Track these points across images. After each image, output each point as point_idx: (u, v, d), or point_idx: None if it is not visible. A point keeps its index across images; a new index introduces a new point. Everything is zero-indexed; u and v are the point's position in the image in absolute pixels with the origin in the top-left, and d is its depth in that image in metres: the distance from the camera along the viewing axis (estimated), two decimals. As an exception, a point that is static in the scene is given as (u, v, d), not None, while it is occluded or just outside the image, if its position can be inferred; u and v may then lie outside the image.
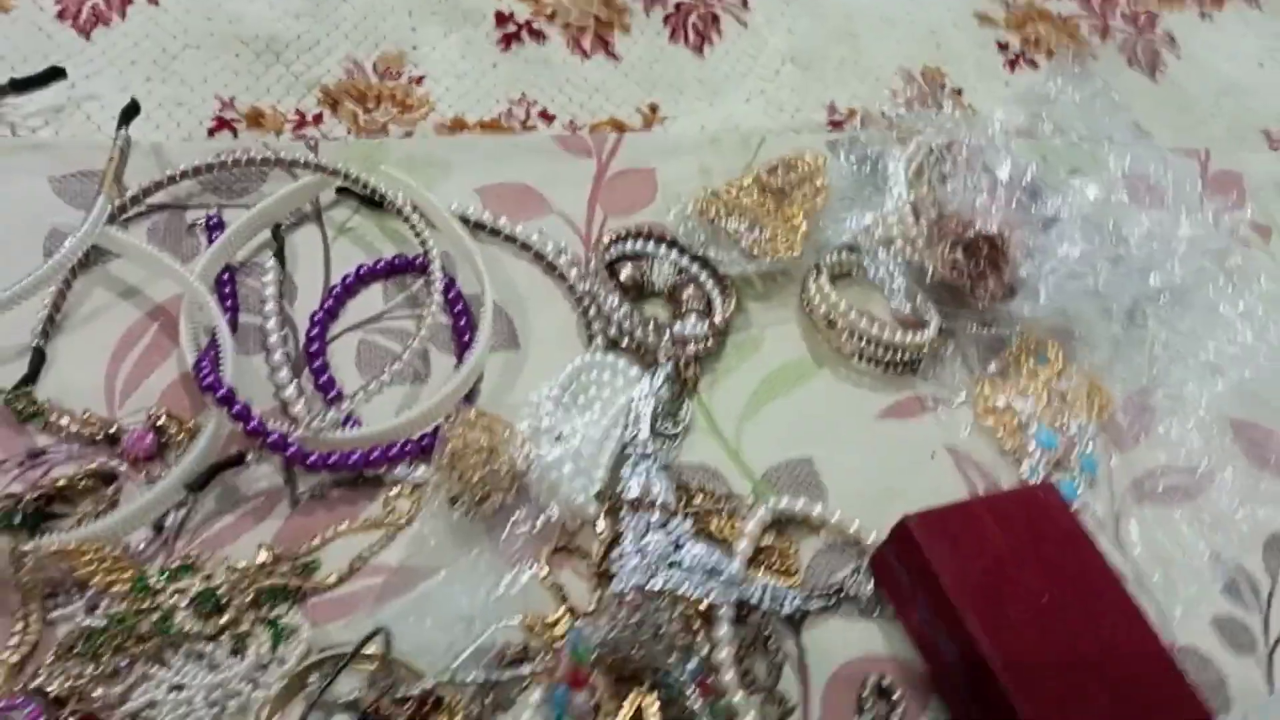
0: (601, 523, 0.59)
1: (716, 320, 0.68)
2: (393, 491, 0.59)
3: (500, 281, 0.68)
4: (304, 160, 0.68)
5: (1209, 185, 0.89)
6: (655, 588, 0.56)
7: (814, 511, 0.62)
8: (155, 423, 0.57)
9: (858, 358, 0.70)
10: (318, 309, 0.65)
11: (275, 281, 0.65)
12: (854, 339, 0.69)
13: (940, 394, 0.70)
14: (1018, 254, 0.71)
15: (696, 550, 0.58)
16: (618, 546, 0.58)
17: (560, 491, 0.58)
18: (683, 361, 0.66)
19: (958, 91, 0.89)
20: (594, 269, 0.69)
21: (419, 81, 0.79)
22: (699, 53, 0.88)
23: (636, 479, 0.60)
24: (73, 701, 0.49)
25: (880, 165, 0.76)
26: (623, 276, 0.70)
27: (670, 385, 0.65)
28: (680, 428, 0.65)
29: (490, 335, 0.64)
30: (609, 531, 0.58)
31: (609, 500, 0.59)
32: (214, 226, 0.67)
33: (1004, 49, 0.98)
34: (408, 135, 0.76)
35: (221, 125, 0.73)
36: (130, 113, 0.67)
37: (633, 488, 0.59)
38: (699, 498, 0.62)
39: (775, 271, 0.73)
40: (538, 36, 0.85)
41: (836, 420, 0.68)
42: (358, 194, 0.70)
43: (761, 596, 0.57)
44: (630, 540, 0.58)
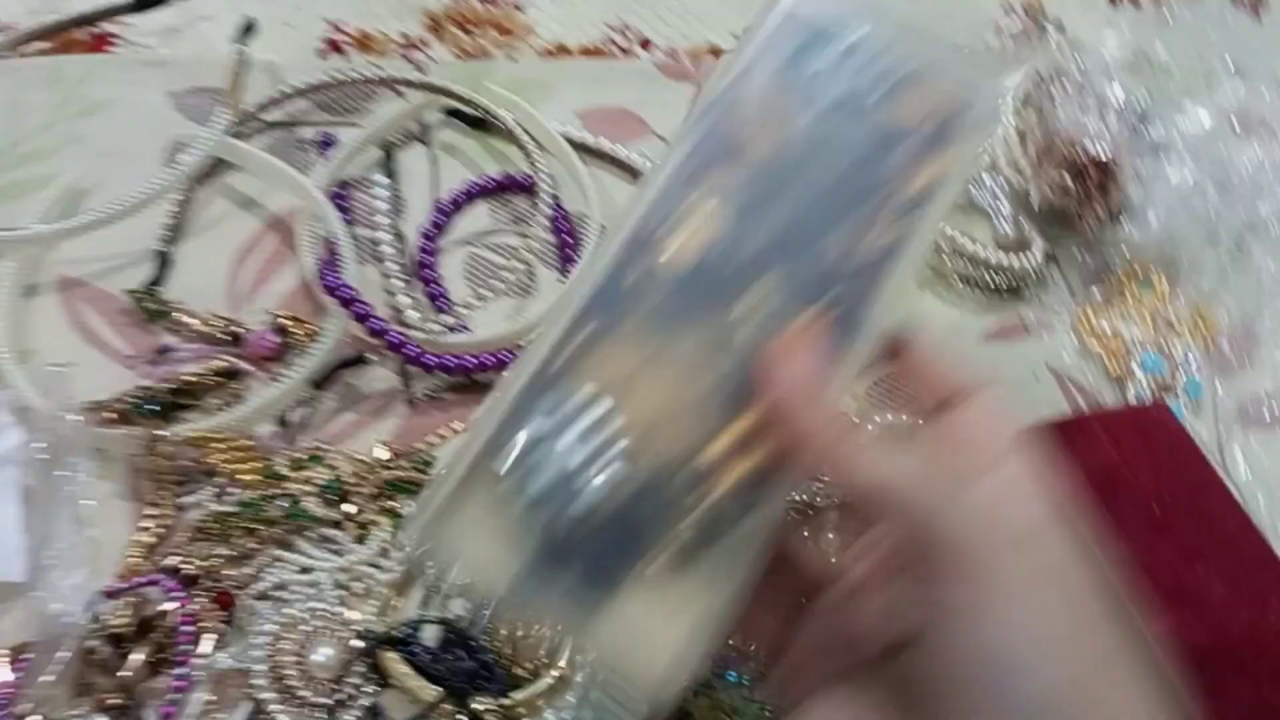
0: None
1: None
2: (503, 395, 0.60)
3: (601, 200, 0.69)
4: (414, 80, 0.69)
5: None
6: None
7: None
8: (277, 324, 0.59)
9: (961, 281, 0.70)
10: (427, 223, 0.66)
11: (388, 196, 0.66)
12: (959, 261, 0.69)
13: (1044, 318, 0.70)
14: (1126, 178, 0.70)
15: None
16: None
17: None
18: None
19: (1058, 24, 0.88)
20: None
21: (519, 8, 0.80)
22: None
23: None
24: (205, 580, 0.50)
25: (984, 91, 0.75)
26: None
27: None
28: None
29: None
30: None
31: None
32: (326, 143, 0.68)
33: (1104, -16, 0.96)
34: (511, 59, 0.77)
35: (331, 47, 0.74)
36: (248, 30, 0.68)
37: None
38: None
39: (876, 195, 0.73)
40: (637, -36, 0.85)
41: (942, 341, 0.68)
42: (464, 115, 0.71)
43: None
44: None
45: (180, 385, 0.56)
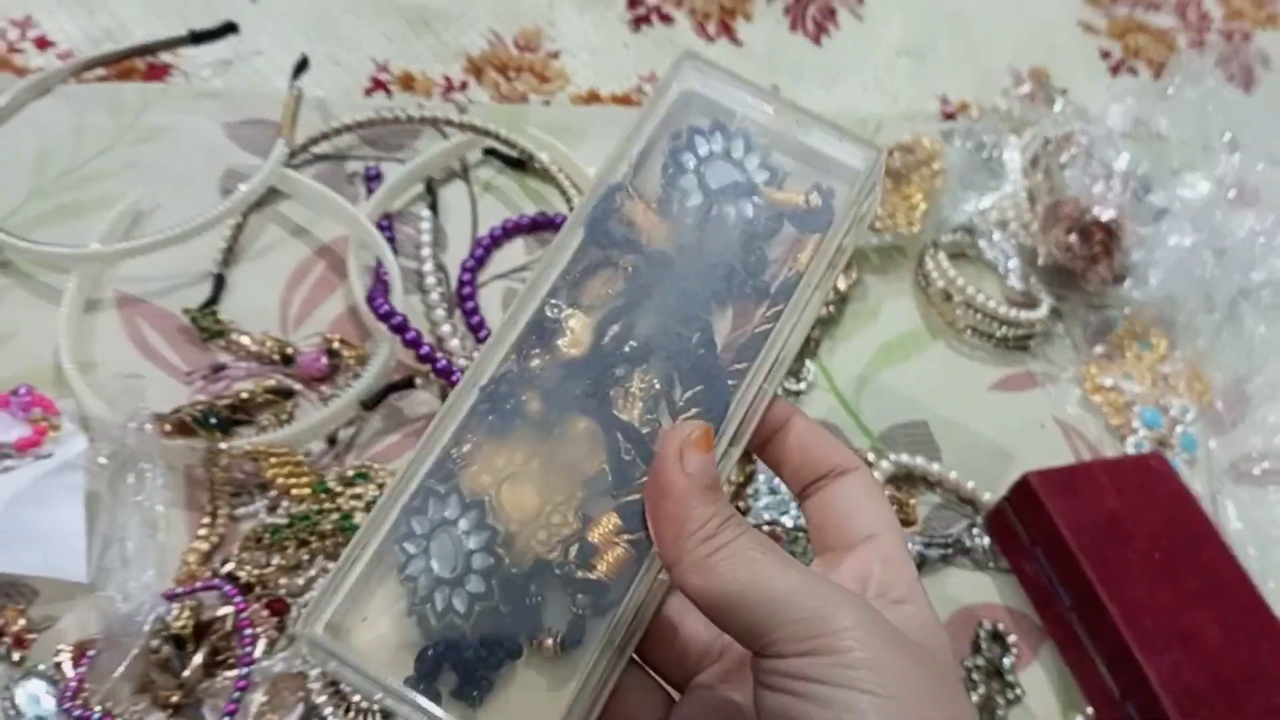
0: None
1: (840, 287, 0.72)
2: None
3: (634, 242, 0.72)
4: (458, 121, 0.72)
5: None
6: (788, 524, 0.60)
7: (933, 469, 0.65)
8: (329, 346, 0.61)
9: (970, 332, 0.73)
10: (468, 257, 0.69)
11: (431, 230, 0.69)
12: (969, 313, 0.73)
13: (1049, 370, 0.73)
14: (1129, 241, 0.74)
15: (824, 494, 0.62)
16: (751, 484, 0.61)
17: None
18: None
19: (1063, 91, 0.93)
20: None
21: (555, 56, 0.84)
22: (817, 43, 0.92)
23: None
24: (258, 588, 0.53)
25: (995, 153, 0.79)
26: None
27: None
28: (803, 384, 0.68)
29: (629, 288, 0.68)
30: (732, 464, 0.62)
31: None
32: (372, 177, 0.71)
33: (1106, 56, 1.01)
34: (546, 104, 0.80)
35: (377, 86, 0.78)
36: (302, 66, 0.71)
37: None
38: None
39: (891, 247, 0.77)
40: (666, 20, 0.89)
41: (951, 389, 0.71)
42: (502, 155, 0.74)
43: (886, 539, 0.61)
44: (764, 479, 0.61)
45: (236, 402, 0.58)
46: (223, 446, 0.54)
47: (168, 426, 0.56)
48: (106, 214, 0.64)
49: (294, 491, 0.55)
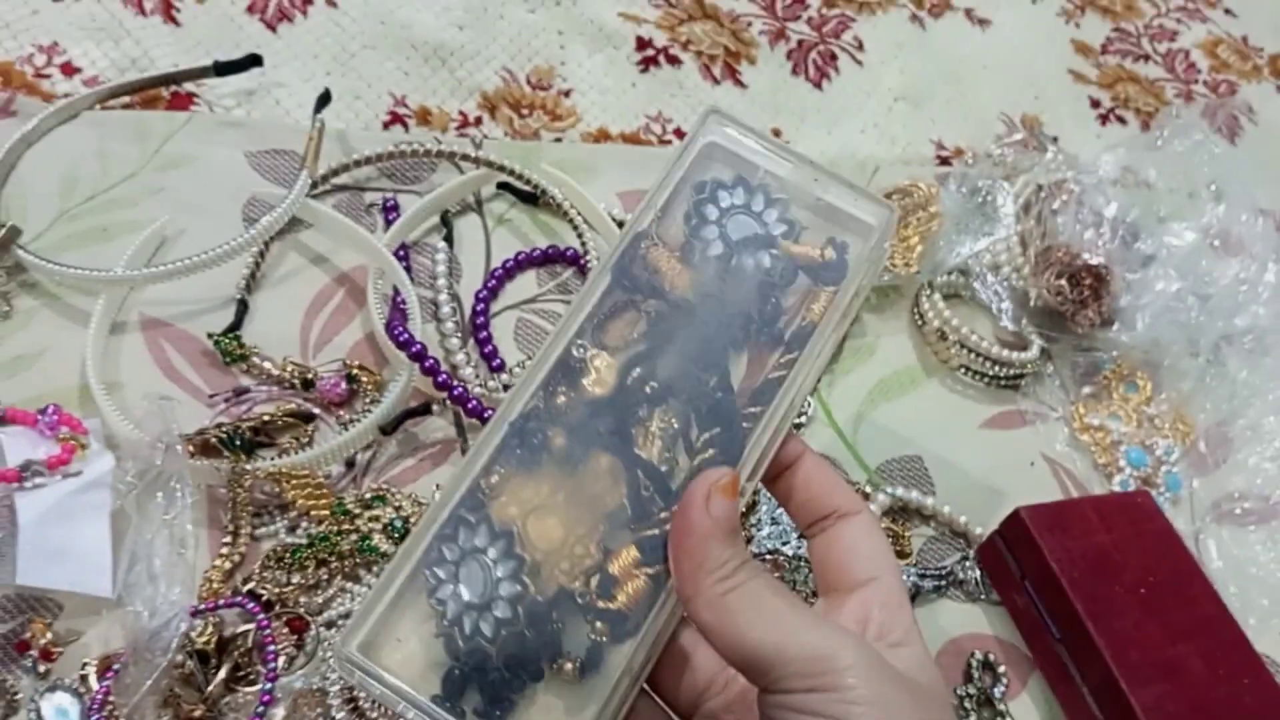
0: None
1: (841, 325, 0.74)
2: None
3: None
4: (473, 156, 0.75)
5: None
6: (789, 552, 0.62)
7: (927, 503, 0.68)
8: (348, 372, 0.63)
9: (963, 371, 0.76)
10: (481, 288, 0.71)
11: (446, 261, 0.71)
12: (962, 353, 0.75)
13: (1039, 410, 0.76)
14: (1118, 286, 0.77)
15: (824, 525, 0.64)
16: (754, 514, 0.63)
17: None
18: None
19: (1054, 139, 0.96)
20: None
21: (566, 94, 0.86)
22: (818, 87, 0.95)
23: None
24: (278, 606, 0.55)
25: (989, 198, 0.82)
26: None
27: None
28: (804, 418, 0.71)
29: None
30: (746, 500, 0.64)
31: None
32: (390, 208, 0.73)
33: (1095, 105, 1.04)
34: (557, 140, 0.83)
35: (394, 119, 0.80)
36: (324, 100, 0.74)
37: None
38: (822, 482, 0.68)
39: (888, 287, 0.79)
40: (673, 61, 0.92)
41: (944, 425, 0.74)
42: (516, 190, 0.77)
43: (882, 570, 0.63)
44: (765, 510, 0.63)
45: (258, 424, 0.60)
46: (247, 468, 0.56)
47: (191, 447, 0.58)
48: (131, 238, 0.66)
49: (314, 513, 0.57)
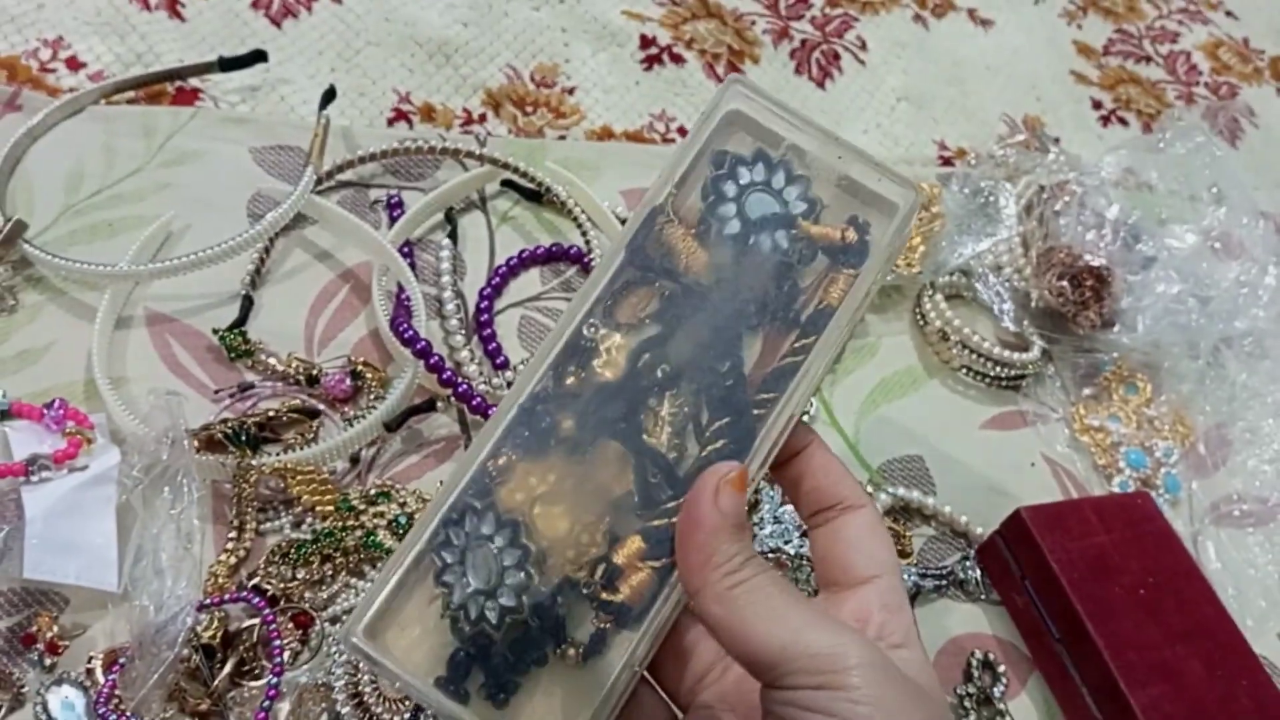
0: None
1: (843, 324, 0.75)
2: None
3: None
4: (478, 153, 0.75)
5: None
6: (791, 551, 0.62)
7: (928, 503, 0.68)
8: (352, 368, 0.64)
9: (965, 371, 0.76)
10: (485, 285, 0.71)
11: (450, 258, 0.71)
12: (964, 353, 0.75)
13: (1040, 410, 0.76)
14: (1119, 288, 0.77)
15: (825, 524, 0.64)
16: (756, 512, 0.64)
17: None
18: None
19: (1055, 140, 0.96)
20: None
21: (570, 92, 0.86)
22: (821, 86, 0.95)
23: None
24: (283, 601, 0.55)
25: (992, 199, 0.83)
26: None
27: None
28: (806, 417, 0.71)
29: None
30: (753, 489, 0.64)
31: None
32: (394, 205, 0.74)
33: (1097, 106, 1.05)
34: (561, 138, 0.83)
35: (399, 116, 0.80)
36: (329, 96, 0.74)
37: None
38: (823, 481, 0.68)
39: (891, 287, 0.79)
40: (677, 60, 0.92)
41: (945, 425, 0.74)
42: (520, 187, 0.77)
43: (883, 569, 0.63)
44: (767, 508, 0.64)
45: (262, 420, 0.60)
46: (253, 463, 0.56)
47: (197, 442, 0.58)
48: (136, 234, 0.66)
49: (319, 509, 0.58)
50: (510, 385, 0.64)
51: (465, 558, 0.39)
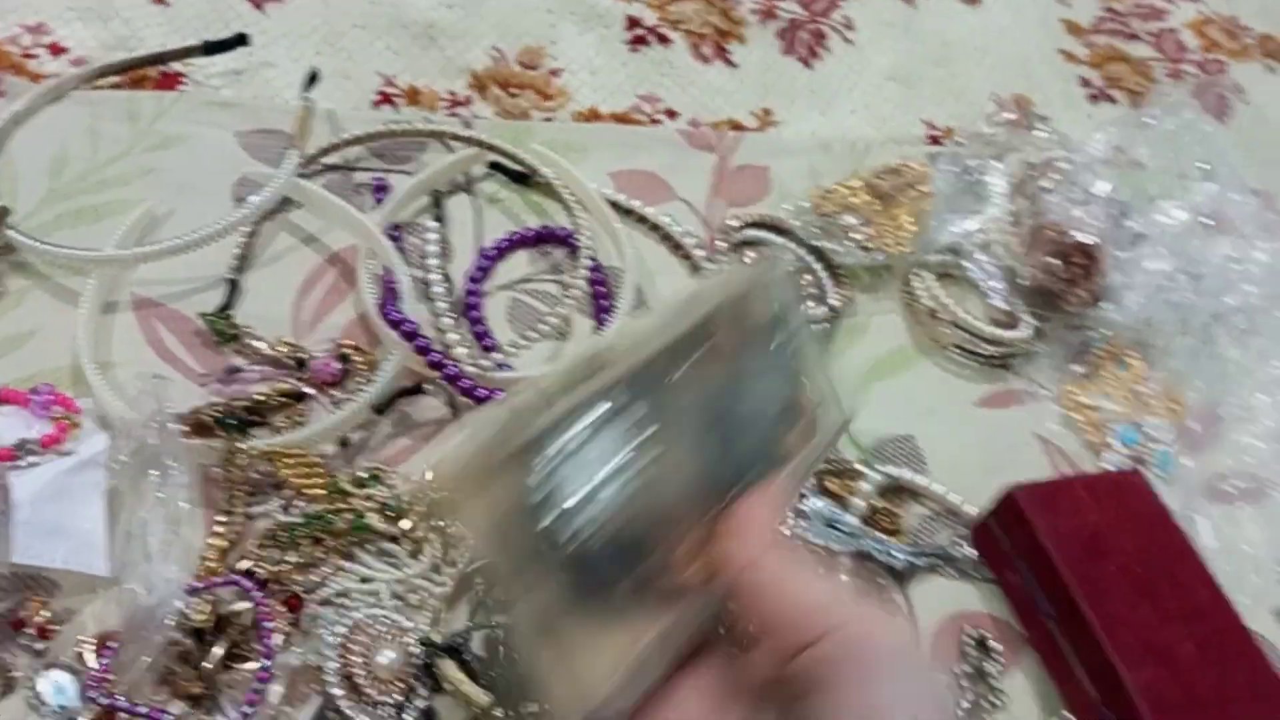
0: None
1: (834, 304, 0.75)
2: (543, 431, 0.65)
3: (634, 256, 0.74)
4: (464, 135, 0.75)
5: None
6: (783, 532, 0.62)
7: (920, 481, 0.68)
8: (340, 352, 0.63)
9: (955, 350, 0.76)
10: (473, 267, 0.71)
11: (437, 241, 0.71)
12: (954, 332, 0.75)
13: (1031, 388, 0.76)
14: (1108, 264, 0.77)
15: (817, 504, 0.64)
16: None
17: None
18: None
19: (1044, 118, 0.96)
20: (725, 249, 0.75)
21: (557, 74, 0.86)
22: (808, 66, 0.95)
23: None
24: (273, 584, 0.55)
25: (980, 177, 0.82)
26: (747, 260, 0.76)
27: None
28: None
29: (630, 302, 0.70)
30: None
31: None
32: (380, 188, 0.73)
33: (1086, 84, 1.04)
34: (548, 120, 0.83)
35: (384, 99, 0.80)
36: (313, 79, 0.73)
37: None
38: (815, 460, 0.68)
39: (880, 267, 0.79)
40: (663, 41, 0.91)
41: (937, 404, 0.74)
42: (506, 170, 0.77)
43: (877, 549, 0.63)
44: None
45: (250, 404, 0.60)
46: (241, 447, 0.56)
47: (185, 426, 0.58)
48: (122, 218, 0.66)
49: (308, 492, 0.57)
50: (500, 368, 0.64)
51: (580, 453, 0.35)
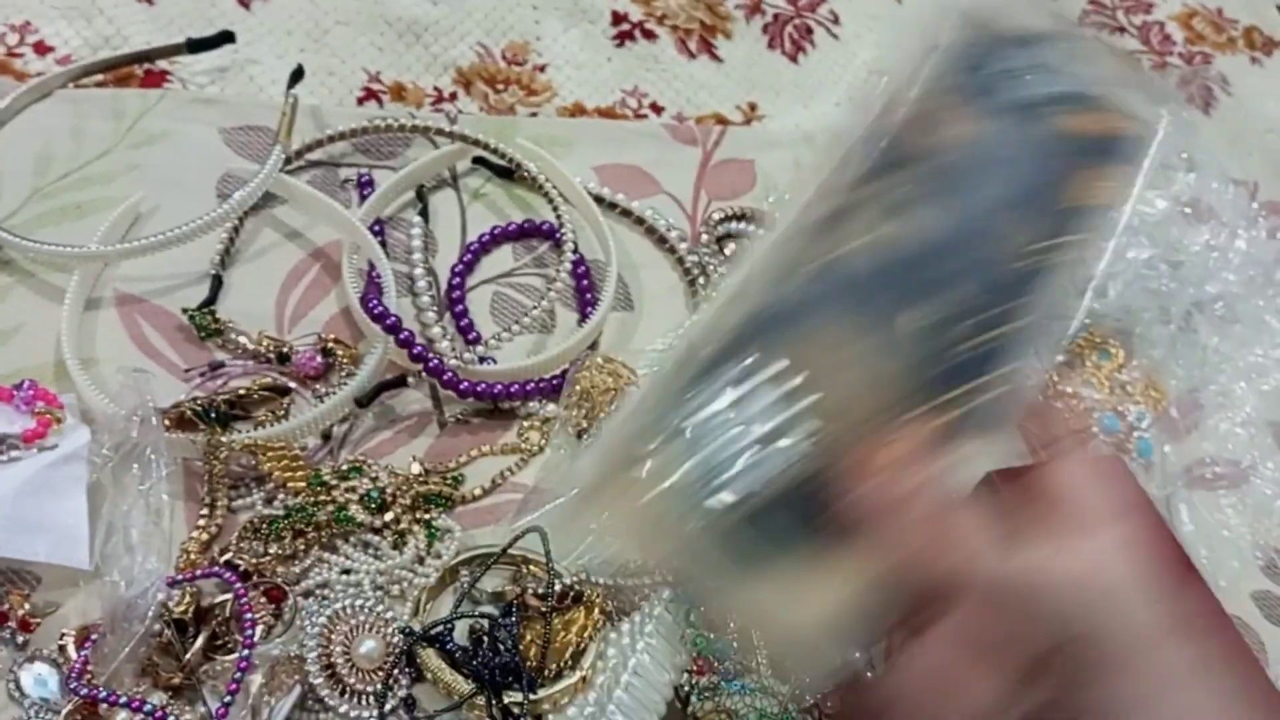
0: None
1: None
2: (526, 423, 0.65)
3: (616, 249, 0.74)
4: (448, 131, 0.75)
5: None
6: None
7: (900, 469, 0.68)
8: (324, 346, 0.64)
9: (938, 340, 0.77)
10: (457, 262, 0.71)
11: (421, 235, 0.72)
12: (936, 322, 0.76)
13: (1012, 377, 0.77)
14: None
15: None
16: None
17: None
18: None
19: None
20: (705, 241, 0.76)
21: (542, 69, 0.86)
22: (794, 60, 0.95)
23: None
24: (255, 576, 0.55)
25: (963, 169, 0.83)
26: (727, 252, 0.76)
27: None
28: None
29: (613, 296, 0.71)
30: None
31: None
32: (365, 184, 0.74)
33: (1071, 76, 1.05)
34: (533, 115, 0.83)
35: (369, 95, 0.80)
36: (297, 76, 0.74)
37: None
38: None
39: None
40: (649, 36, 0.92)
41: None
42: (491, 164, 0.77)
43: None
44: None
45: (234, 398, 0.60)
46: (223, 440, 0.57)
47: (167, 420, 0.58)
48: (106, 215, 0.66)
49: (290, 485, 0.58)
50: (482, 361, 0.65)
51: (732, 411, 0.33)
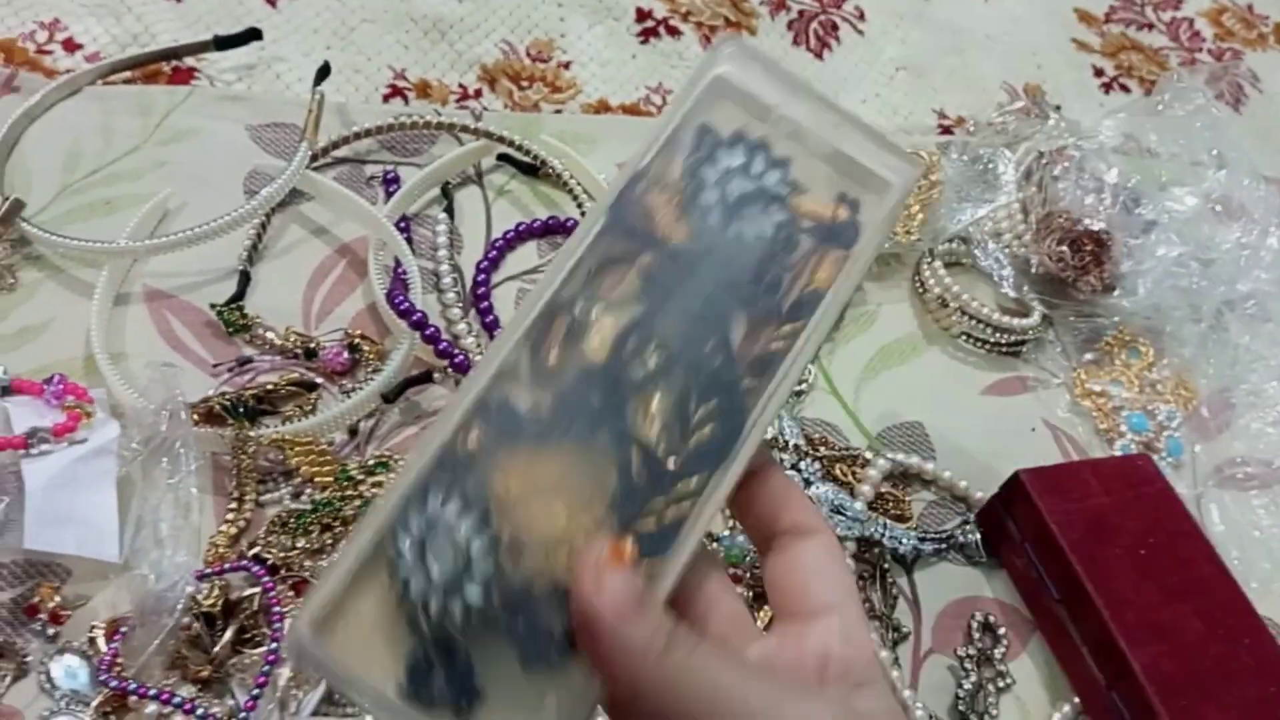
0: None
1: (841, 292, 0.75)
2: (551, 420, 0.65)
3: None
4: (473, 127, 0.75)
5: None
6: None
7: (928, 468, 0.68)
8: (350, 342, 0.64)
9: (964, 338, 0.76)
10: (482, 258, 0.71)
11: (447, 232, 0.72)
12: (963, 320, 0.75)
13: (1041, 376, 0.76)
14: (1119, 252, 0.77)
15: (824, 489, 0.64)
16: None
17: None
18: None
19: (1056, 107, 0.96)
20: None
21: (566, 66, 0.86)
22: (819, 57, 0.95)
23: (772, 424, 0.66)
24: (283, 570, 0.55)
25: (991, 166, 0.82)
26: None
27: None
28: (804, 385, 0.71)
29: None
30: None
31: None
32: (390, 180, 0.74)
33: (1099, 74, 1.04)
34: (557, 112, 0.83)
35: (394, 93, 0.80)
36: (324, 73, 0.74)
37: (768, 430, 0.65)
38: (822, 448, 0.68)
39: (889, 255, 0.79)
40: (673, 33, 0.92)
41: (945, 392, 0.74)
42: (516, 161, 0.77)
43: (883, 534, 0.63)
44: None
45: (261, 393, 0.61)
46: (251, 434, 0.57)
47: (196, 415, 0.58)
48: (134, 211, 0.67)
49: (318, 479, 0.58)
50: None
51: (426, 543, 0.34)
